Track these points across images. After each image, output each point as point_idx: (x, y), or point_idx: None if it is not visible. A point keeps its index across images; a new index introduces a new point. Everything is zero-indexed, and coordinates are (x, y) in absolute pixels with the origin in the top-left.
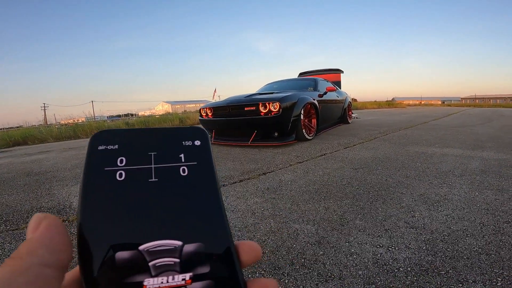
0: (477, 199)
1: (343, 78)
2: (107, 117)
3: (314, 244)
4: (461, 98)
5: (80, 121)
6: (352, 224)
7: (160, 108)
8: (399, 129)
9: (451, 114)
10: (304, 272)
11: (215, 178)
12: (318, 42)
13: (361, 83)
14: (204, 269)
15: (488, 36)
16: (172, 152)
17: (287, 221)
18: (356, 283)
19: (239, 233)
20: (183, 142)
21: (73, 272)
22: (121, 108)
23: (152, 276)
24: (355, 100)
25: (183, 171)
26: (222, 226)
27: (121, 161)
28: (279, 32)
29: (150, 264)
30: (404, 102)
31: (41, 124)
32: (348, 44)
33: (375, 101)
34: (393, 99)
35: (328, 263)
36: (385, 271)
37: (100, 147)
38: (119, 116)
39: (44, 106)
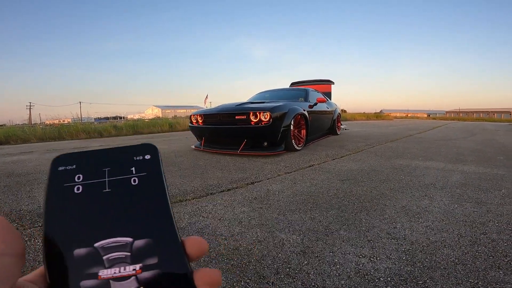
0: (456, 211)
1: (334, 89)
2: (95, 119)
3: (299, 253)
4: (446, 112)
5: (66, 122)
6: (336, 235)
7: (150, 112)
8: (386, 141)
9: (435, 128)
10: (288, 281)
11: (164, 185)
12: (310, 51)
13: (351, 94)
14: (153, 260)
15: (472, 50)
16: (124, 166)
17: (274, 231)
18: None
19: (225, 242)
20: (134, 157)
21: (39, 270)
22: (110, 110)
23: (106, 268)
24: (345, 111)
25: (134, 181)
26: (170, 225)
27: (79, 177)
28: (272, 39)
29: (104, 258)
30: (391, 114)
31: (25, 124)
32: (340, 55)
33: (364, 112)
34: (381, 111)
35: (312, 273)
36: (367, 281)
37: (60, 168)
38: (107, 118)
39: (30, 105)
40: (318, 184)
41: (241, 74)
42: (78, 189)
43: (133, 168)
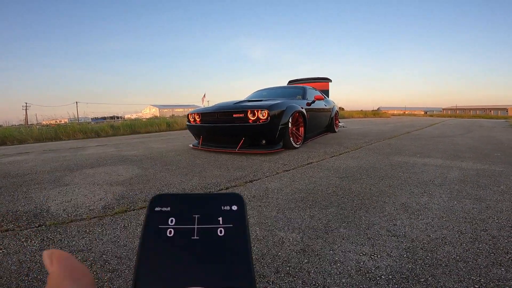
0: (456, 208)
1: (331, 86)
2: (92, 119)
3: (299, 252)
4: (443, 109)
5: (62, 122)
6: (336, 232)
7: (147, 112)
8: (384, 138)
9: (432, 125)
10: (289, 280)
11: (248, 239)
12: (307, 51)
13: (349, 92)
14: None
15: (469, 48)
16: (212, 215)
17: (273, 229)
18: None
19: None
20: (222, 207)
21: None
22: (107, 110)
23: None
24: (343, 109)
25: (220, 232)
26: (250, 278)
27: (171, 221)
28: (269, 39)
29: None
30: (389, 112)
31: (21, 124)
32: (337, 53)
33: (361, 110)
34: (378, 108)
35: (312, 271)
36: (368, 279)
37: (157, 209)
38: (104, 118)
39: (26, 106)
40: (317, 182)
41: (240, 74)
42: (170, 232)
43: (220, 218)
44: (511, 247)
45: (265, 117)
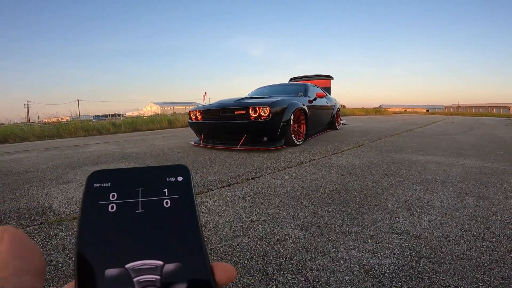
0: (459, 205)
1: (333, 84)
2: (93, 116)
3: (301, 249)
4: (445, 107)
5: (64, 120)
6: (339, 230)
7: (149, 109)
8: (385, 136)
9: (434, 122)
10: (291, 278)
11: (195, 209)
12: (308, 48)
13: (350, 89)
14: (182, 286)
15: (471, 45)
16: (157, 187)
17: (275, 226)
18: None
19: (226, 238)
20: (167, 178)
21: (69, 286)
22: (108, 108)
23: None
24: (344, 106)
25: (166, 203)
26: (200, 250)
27: (113, 196)
28: (270, 37)
29: (134, 280)
30: (390, 110)
31: (23, 122)
32: (338, 51)
33: (363, 108)
34: (380, 106)
35: (315, 269)
36: (371, 276)
37: (96, 185)
38: (105, 116)
39: (28, 104)
40: (319, 179)
41: (240, 71)
42: (112, 207)
43: (166, 190)
44: None
45: (266, 114)
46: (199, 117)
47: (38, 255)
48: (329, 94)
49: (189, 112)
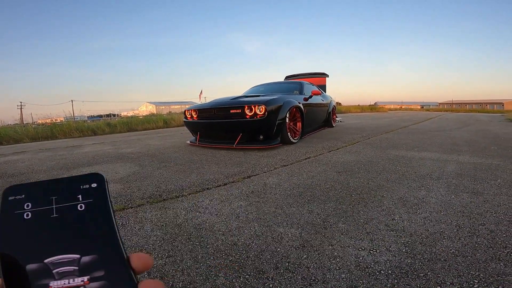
0: (453, 202)
1: (328, 82)
2: (88, 117)
3: (298, 247)
4: (439, 103)
5: (58, 120)
6: (335, 227)
7: (144, 109)
8: (381, 133)
9: (429, 119)
10: (288, 276)
11: (110, 209)
12: (303, 46)
13: (346, 87)
14: (100, 273)
15: (464, 42)
16: (70, 195)
17: (271, 225)
18: (339, 286)
19: (222, 237)
20: (81, 186)
21: None
22: (103, 108)
23: (56, 279)
24: (340, 104)
25: (80, 207)
26: (115, 243)
27: (27, 205)
28: (265, 34)
29: (54, 271)
30: (385, 107)
31: (17, 124)
32: (333, 48)
33: (358, 105)
34: (375, 103)
35: (312, 267)
36: (367, 274)
37: (10, 198)
38: (100, 116)
39: (21, 105)
40: (315, 177)
41: (236, 69)
42: (27, 215)
43: (80, 196)
44: (509, 242)
45: (262, 113)
46: (195, 116)
47: None
48: (325, 91)
49: (185, 111)
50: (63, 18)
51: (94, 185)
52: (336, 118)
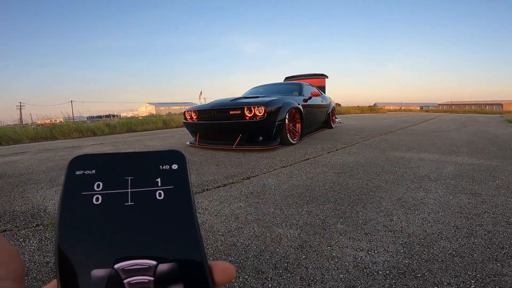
0: (451, 202)
1: (328, 83)
2: (87, 117)
3: (297, 248)
4: (438, 104)
5: (57, 121)
6: (333, 228)
7: (144, 110)
8: (380, 134)
9: (428, 120)
10: (287, 276)
11: (191, 201)
12: (303, 46)
13: (345, 88)
14: (178, 287)
15: (464, 43)
16: (148, 176)
17: (271, 226)
18: (337, 286)
19: (222, 238)
20: (160, 166)
21: (51, 286)
22: (102, 108)
23: None
24: (339, 105)
25: (159, 195)
26: (197, 248)
27: (98, 186)
28: (264, 35)
29: (125, 281)
30: (385, 108)
31: (16, 124)
32: (333, 49)
33: (358, 106)
34: (375, 104)
35: (310, 267)
36: (365, 274)
37: (78, 172)
38: (99, 117)
39: (20, 106)
40: (314, 178)
41: (236, 70)
42: (97, 199)
43: (159, 180)
44: (506, 242)
45: (262, 114)
46: (194, 117)
47: (18, 259)
48: (324, 93)
49: (184, 112)
50: (63, 18)
51: (174, 166)
52: (336, 119)
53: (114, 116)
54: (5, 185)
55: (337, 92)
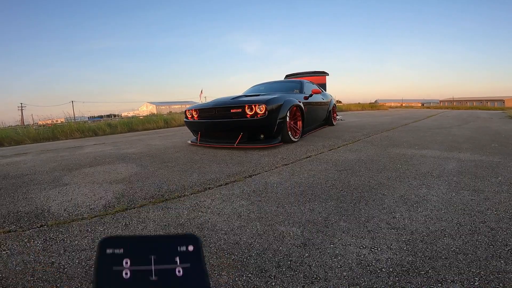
0: (454, 199)
1: (329, 80)
2: (88, 117)
3: (299, 246)
4: (440, 101)
5: (59, 121)
6: (336, 226)
7: (144, 109)
8: (381, 131)
9: (430, 116)
10: (290, 274)
11: (206, 279)
12: (303, 44)
13: (346, 85)
14: None
15: (465, 39)
16: (169, 256)
17: (273, 224)
18: (341, 284)
19: (225, 236)
20: (178, 248)
21: None
22: (103, 108)
23: None
24: (340, 102)
25: (179, 271)
26: None
27: (126, 262)
28: (265, 34)
29: None
30: (386, 104)
31: (18, 125)
32: (334, 46)
33: (359, 103)
34: (376, 101)
35: (313, 265)
36: (369, 271)
37: (108, 251)
38: (101, 117)
39: (22, 106)
40: (316, 175)
41: (236, 68)
42: (126, 274)
43: (177, 259)
44: (510, 239)
45: (263, 112)
46: (195, 116)
47: None
48: (325, 90)
49: (185, 111)
50: (64, 18)
51: (190, 248)
52: (337, 117)
53: (115, 115)
54: (9, 186)
55: (338, 89)
